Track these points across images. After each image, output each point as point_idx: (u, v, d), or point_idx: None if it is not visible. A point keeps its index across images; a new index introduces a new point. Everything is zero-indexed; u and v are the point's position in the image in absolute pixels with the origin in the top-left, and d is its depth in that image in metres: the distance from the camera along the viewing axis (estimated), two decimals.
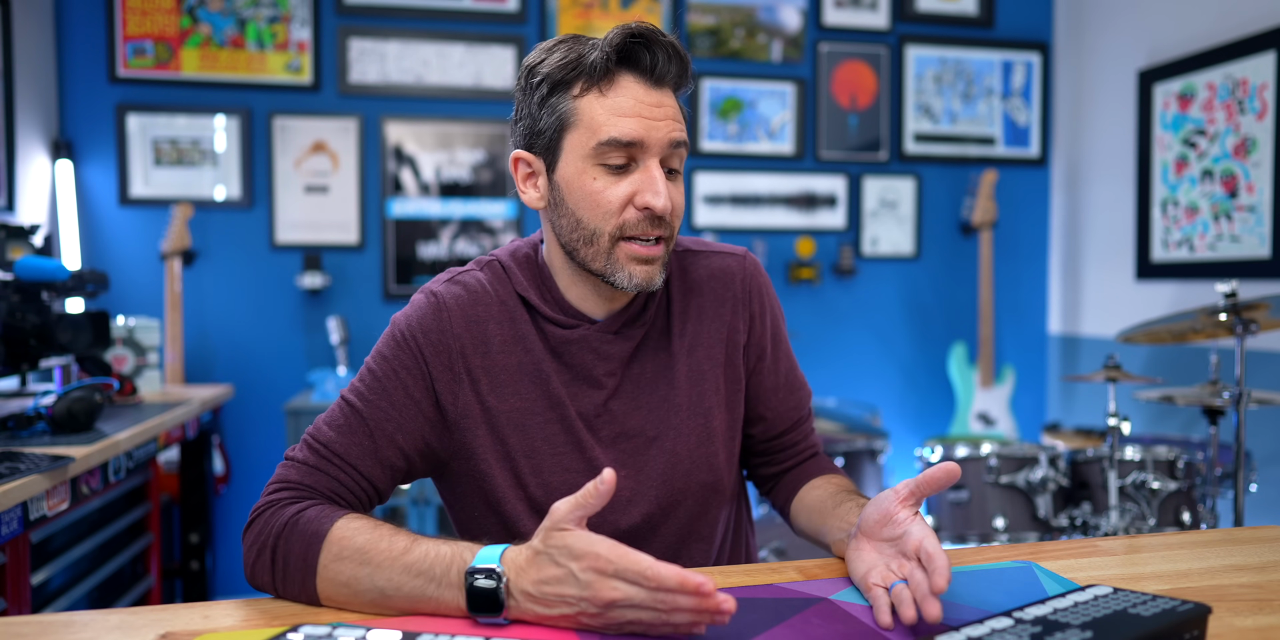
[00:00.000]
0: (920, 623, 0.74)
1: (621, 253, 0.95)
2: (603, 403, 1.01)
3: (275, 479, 0.93)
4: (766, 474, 1.16)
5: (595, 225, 0.94)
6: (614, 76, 0.93)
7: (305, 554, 0.82)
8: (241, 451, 3.06)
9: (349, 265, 3.12)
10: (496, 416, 0.99)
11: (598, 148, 0.92)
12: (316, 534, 0.83)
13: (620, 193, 0.93)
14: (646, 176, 0.93)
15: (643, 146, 0.92)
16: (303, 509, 0.87)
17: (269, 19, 3.04)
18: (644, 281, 0.95)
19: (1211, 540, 1.01)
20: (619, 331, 1.02)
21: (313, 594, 0.82)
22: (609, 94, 0.92)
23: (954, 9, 3.49)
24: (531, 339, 1.00)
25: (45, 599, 1.81)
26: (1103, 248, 3.35)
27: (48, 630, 0.76)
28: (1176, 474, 2.04)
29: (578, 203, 0.95)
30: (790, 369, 1.13)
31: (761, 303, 1.10)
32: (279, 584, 0.84)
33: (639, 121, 0.92)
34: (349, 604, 0.81)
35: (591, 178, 0.94)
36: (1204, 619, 0.70)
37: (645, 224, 0.94)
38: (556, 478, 1.00)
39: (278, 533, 0.85)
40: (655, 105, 0.93)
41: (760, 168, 3.39)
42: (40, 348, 1.90)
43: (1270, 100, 2.61)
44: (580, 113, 0.93)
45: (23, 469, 1.40)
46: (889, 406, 3.52)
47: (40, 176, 2.83)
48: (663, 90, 0.95)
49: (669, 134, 0.93)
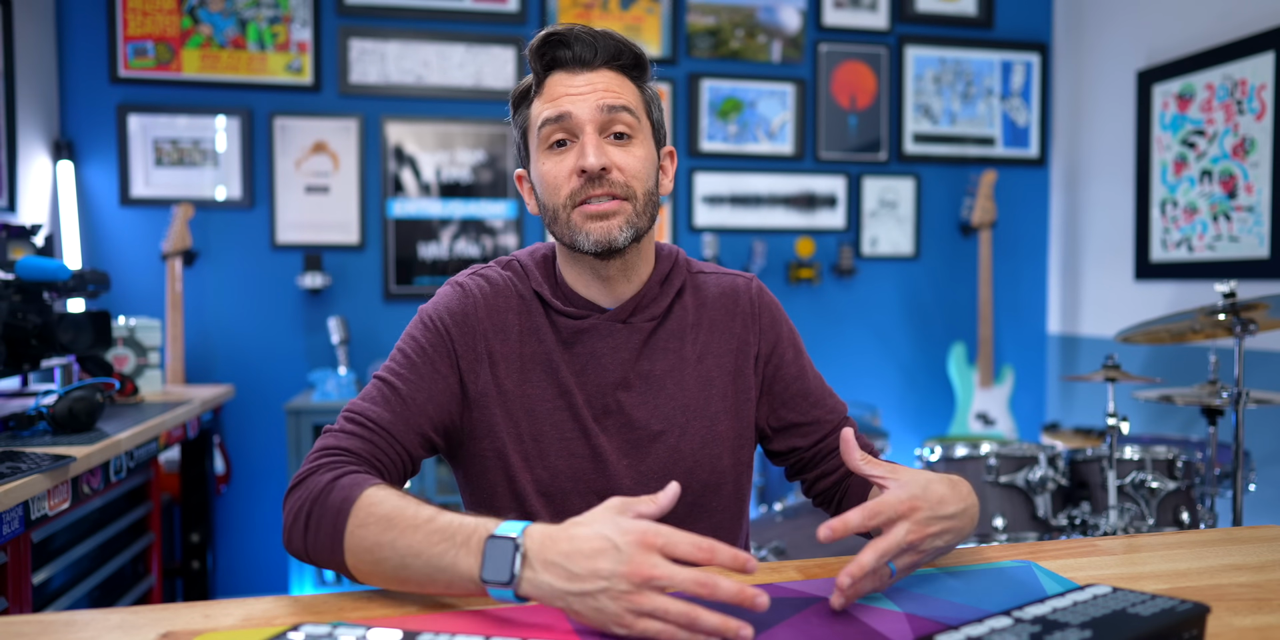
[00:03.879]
0: (921, 622, 0.75)
1: (577, 216, 1.00)
2: (610, 392, 1.05)
3: (316, 448, 0.95)
4: (826, 486, 1.12)
5: (554, 202, 1.02)
6: (546, 79, 1.03)
7: (335, 520, 0.84)
8: (242, 451, 3.07)
9: (349, 265, 3.12)
10: (511, 399, 1.03)
11: (540, 133, 1.02)
12: (347, 500, 0.84)
13: (564, 167, 1.00)
14: (579, 145, 1.00)
15: (573, 119, 0.99)
16: (338, 475, 0.88)
17: (270, 19, 3.04)
18: (601, 237, 0.99)
19: (1210, 540, 1.01)
20: (628, 320, 1.06)
21: (341, 561, 0.83)
22: (544, 92, 1.03)
23: (953, 9, 3.50)
24: (545, 331, 1.05)
25: (46, 598, 1.81)
26: (1102, 248, 3.36)
27: (49, 630, 0.76)
28: (1175, 474, 2.04)
29: (542, 190, 1.04)
30: (819, 377, 1.16)
31: (773, 317, 1.14)
32: (311, 550, 0.86)
33: (565, 99, 1.00)
34: (372, 575, 0.82)
35: (542, 163, 1.02)
36: (1203, 618, 0.70)
37: (588, 186, 0.99)
38: (562, 462, 1.03)
39: (314, 498, 0.86)
40: (582, 85, 1.01)
41: (760, 168, 3.39)
42: (41, 348, 1.90)
43: (1269, 101, 2.61)
44: (531, 116, 1.04)
45: (24, 468, 1.41)
46: (889, 406, 3.52)
47: (41, 177, 2.83)
48: (593, 71, 1.02)
49: (598, 101, 0.99)
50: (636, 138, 1.02)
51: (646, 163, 1.03)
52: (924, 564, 0.86)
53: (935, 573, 0.89)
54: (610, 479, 1.04)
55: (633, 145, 1.02)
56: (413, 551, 0.78)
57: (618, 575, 0.69)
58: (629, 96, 1.02)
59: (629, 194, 1.00)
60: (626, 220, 1.00)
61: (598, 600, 0.70)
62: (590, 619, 0.71)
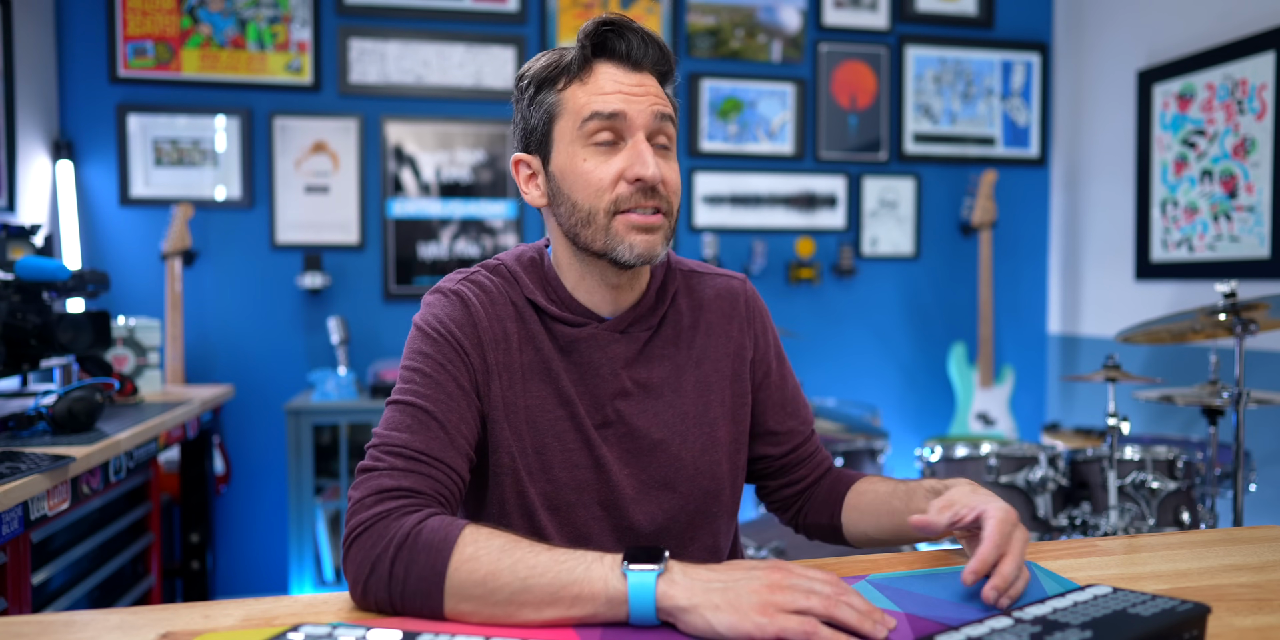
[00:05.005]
0: (921, 622, 0.75)
1: (619, 224, 0.96)
2: (609, 402, 1.02)
3: (369, 491, 0.86)
4: (789, 494, 1.15)
5: (590, 204, 0.96)
6: (592, 66, 0.97)
7: (434, 561, 0.78)
8: (242, 451, 3.06)
9: (349, 265, 3.12)
10: (515, 412, 1.00)
11: (584, 127, 0.95)
12: (446, 540, 0.80)
13: (611, 169, 0.95)
14: (634, 151, 0.95)
15: (626, 119, 0.95)
16: (424, 518, 0.83)
17: (269, 19, 3.04)
18: (645, 251, 0.96)
19: (1211, 540, 1.01)
20: (626, 330, 1.03)
21: (438, 603, 0.78)
22: (589, 81, 0.96)
23: (954, 9, 3.49)
24: (542, 338, 1.02)
25: (46, 599, 1.81)
26: (1102, 248, 3.36)
27: (48, 630, 0.76)
28: (1176, 474, 2.04)
29: (572, 186, 0.97)
30: (796, 386, 1.16)
31: (764, 323, 1.14)
32: (400, 598, 0.79)
33: (619, 97, 0.95)
34: (478, 611, 0.77)
35: (582, 159, 0.96)
36: (1203, 619, 0.70)
37: (639, 196, 0.95)
38: (565, 474, 1.01)
39: (399, 543, 0.80)
40: (635, 84, 0.96)
41: (760, 168, 3.39)
42: (41, 348, 1.90)
43: (1269, 100, 2.61)
44: (565, 102, 0.97)
45: (23, 469, 1.40)
46: (889, 406, 3.52)
47: (41, 177, 2.83)
48: (642, 73, 0.98)
49: (651, 107, 0.95)
50: (672, 150, 1.00)
51: (679, 176, 1.01)
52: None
53: (936, 573, 0.89)
54: (613, 489, 1.02)
55: (672, 159, 0.99)
56: (538, 571, 0.76)
57: (760, 568, 0.74)
58: (669, 106, 0.99)
59: (669, 209, 0.98)
60: (664, 235, 0.98)
61: (740, 589, 0.72)
62: (725, 619, 0.70)
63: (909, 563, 0.94)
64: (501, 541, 0.79)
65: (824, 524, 1.12)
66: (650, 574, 0.73)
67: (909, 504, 0.98)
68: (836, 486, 1.12)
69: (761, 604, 0.70)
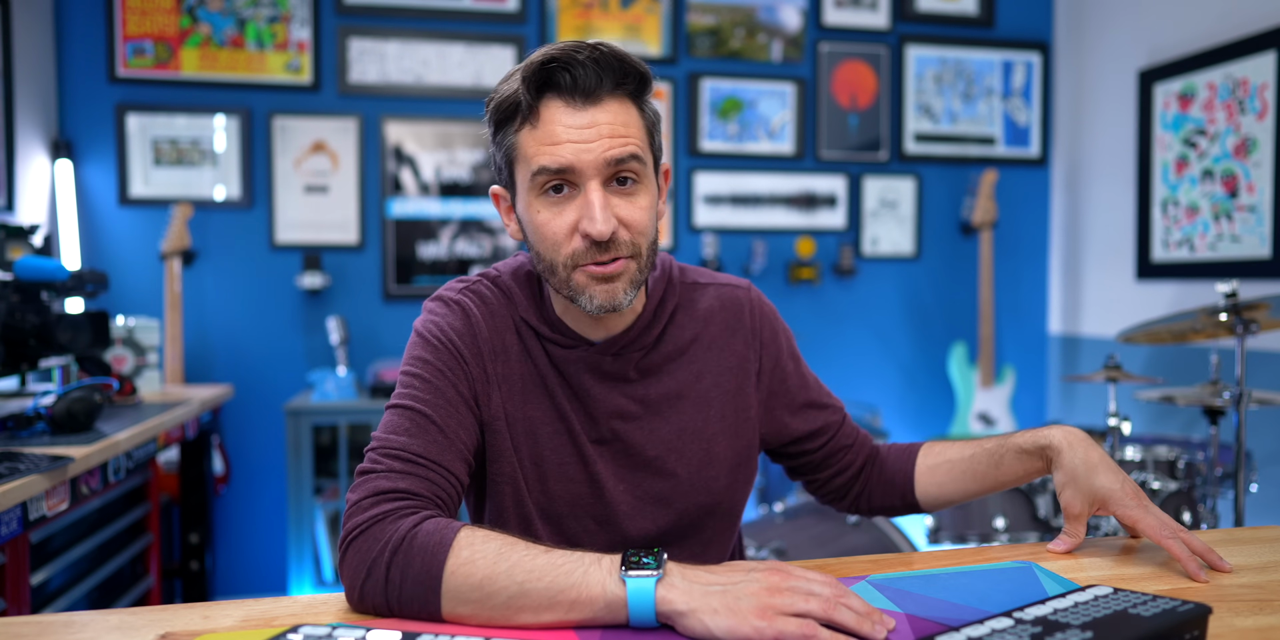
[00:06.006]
0: (921, 622, 0.75)
1: (579, 276, 0.93)
2: (605, 421, 1.02)
3: (367, 493, 0.85)
4: (842, 483, 1.15)
5: (550, 257, 0.93)
6: (539, 107, 0.91)
7: (429, 564, 0.78)
8: (241, 451, 3.06)
9: (349, 265, 3.12)
10: (515, 422, 1.00)
11: (534, 179, 0.91)
12: (442, 543, 0.79)
13: (565, 223, 0.92)
14: (585, 202, 0.90)
15: (576, 171, 0.90)
16: (418, 522, 0.82)
17: (269, 19, 3.04)
18: (606, 302, 0.93)
19: (1212, 540, 1.00)
20: (618, 354, 1.02)
21: (435, 607, 0.77)
22: (539, 126, 0.91)
23: (954, 9, 3.49)
24: (538, 354, 1.02)
25: (45, 599, 1.81)
26: (1103, 248, 3.35)
27: (47, 630, 0.76)
28: (1177, 474, 2.03)
29: (531, 235, 0.95)
30: (816, 379, 1.16)
31: (772, 328, 1.12)
32: (396, 601, 0.79)
33: (567, 147, 0.89)
34: (475, 614, 0.77)
35: (536, 210, 0.93)
36: (1204, 619, 0.69)
37: (593, 251, 0.91)
38: (559, 486, 1.01)
39: (394, 546, 0.80)
40: (585, 127, 0.90)
41: (760, 168, 3.38)
42: (40, 348, 1.90)
43: (1270, 100, 2.61)
44: (520, 147, 0.93)
45: (22, 469, 1.40)
46: (889, 406, 3.52)
47: (40, 176, 2.83)
48: (596, 107, 0.90)
49: (604, 154, 0.89)
50: (642, 182, 0.94)
51: (650, 211, 0.94)
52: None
53: (936, 573, 0.89)
54: (607, 504, 1.02)
55: (638, 193, 0.93)
56: (535, 575, 0.75)
57: (758, 570, 0.74)
58: (634, 133, 0.92)
59: (634, 251, 0.93)
60: (631, 280, 0.94)
61: (738, 592, 0.72)
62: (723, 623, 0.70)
63: (909, 563, 0.94)
64: (498, 544, 0.79)
65: (896, 505, 1.13)
66: (649, 579, 0.73)
67: (999, 469, 1.04)
68: (898, 465, 1.12)
69: (760, 607, 0.70)
